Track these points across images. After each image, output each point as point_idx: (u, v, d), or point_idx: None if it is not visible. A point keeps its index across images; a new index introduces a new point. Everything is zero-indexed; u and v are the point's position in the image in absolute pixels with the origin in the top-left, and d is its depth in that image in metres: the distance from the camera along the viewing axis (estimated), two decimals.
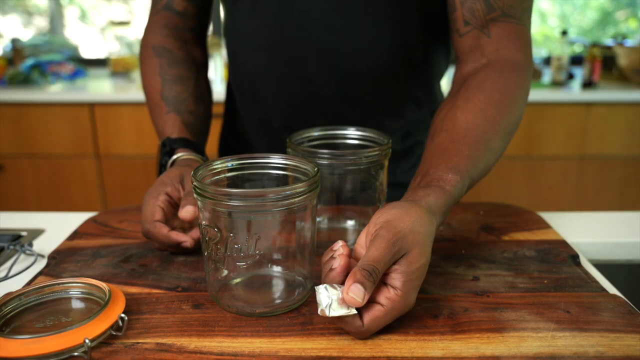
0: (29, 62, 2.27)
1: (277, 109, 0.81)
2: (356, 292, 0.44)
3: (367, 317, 0.46)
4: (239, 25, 0.79)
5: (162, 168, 0.74)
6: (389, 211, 0.49)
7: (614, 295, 0.55)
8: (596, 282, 0.58)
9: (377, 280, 0.45)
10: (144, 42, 0.84)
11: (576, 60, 2.51)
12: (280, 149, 0.69)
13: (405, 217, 0.48)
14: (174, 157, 0.72)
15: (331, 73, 0.76)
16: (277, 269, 0.56)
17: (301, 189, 0.49)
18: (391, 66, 0.76)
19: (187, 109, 0.78)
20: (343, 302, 0.45)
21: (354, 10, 0.73)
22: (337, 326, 0.49)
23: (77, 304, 0.52)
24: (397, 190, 0.85)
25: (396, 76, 0.78)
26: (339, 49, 0.75)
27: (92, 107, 2.08)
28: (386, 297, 0.46)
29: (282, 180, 0.56)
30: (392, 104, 0.81)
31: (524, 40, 0.67)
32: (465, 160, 0.56)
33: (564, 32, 2.17)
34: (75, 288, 0.52)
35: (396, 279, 0.46)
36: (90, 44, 2.81)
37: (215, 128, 0.91)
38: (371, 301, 0.46)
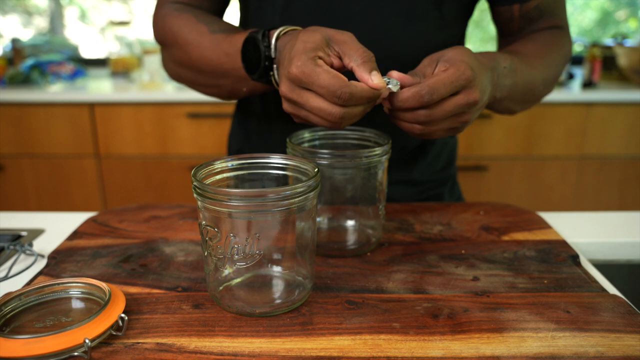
0: (29, 62, 2.27)
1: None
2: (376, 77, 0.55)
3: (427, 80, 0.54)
4: (265, 21, 0.76)
5: (264, 59, 0.63)
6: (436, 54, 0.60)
7: (614, 295, 0.55)
8: (596, 282, 0.58)
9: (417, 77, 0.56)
10: (161, 13, 0.77)
11: (576, 60, 2.51)
12: None
13: (451, 50, 0.59)
14: (278, 31, 0.62)
15: None
16: (277, 269, 0.56)
17: (301, 189, 0.49)
18: None
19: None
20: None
21: (393, 8, 0.73)
22: (337, 325, 0.49)
23: (77, 304, 0.52)
24: (412, 188, 0.86)
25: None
26: (377, 48, 0.75)
27: (92, 107, 2.08)
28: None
29: (282, 180, 0.56)
30: None
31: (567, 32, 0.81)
32: (511, 56, 0.67)
33: None
34: (75, 288, 0.52)
35: (440, 66, 0.57)
36: (90, 44, 2.81)
37: (219, 127, 0.91)
38: None
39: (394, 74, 0.57)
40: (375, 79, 0.54)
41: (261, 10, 0.77)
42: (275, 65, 0.63)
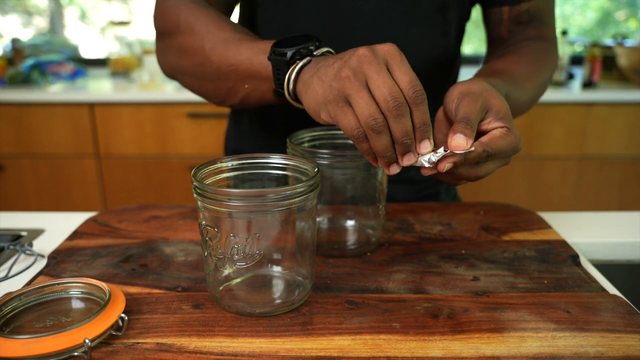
0: (29, 62, 2.27)
1: (309, 108, 0.77)
2: (459, 139, 0.50)
3: (485, 139, 0.53)
4: (270, 18, 0.76)
5: (307, 52, 0.58)
6: (458, 87, 0.56)
7: (614, 295, 0.55)
8: (596, 282, 0.58)
9: (474, 129, 0.52)
10: (171, 3, 0.72)
11: (576, 60, 2.51)
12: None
13: (474, 84, 0.56)
14: (324, 49, 0.59)
15: None
16: (277, 269, 0.56)
17: (301, 189, 0.49)
18: (428, 67, 0.78)
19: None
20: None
21: (399, 11, 0.73)
22: (337, 325, 0.49)
23: (77, 304, 0.52)
24: (408, 187, 0.86)
25: (430, 78, 0.80)
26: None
27: (92, 107, 2.08)
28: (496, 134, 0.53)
29: (282, 180, 0.56)
30: None
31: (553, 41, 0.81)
32: (508, 84, 0.65)
33: (564, 32, 2.17)
34: (75, 288, 0.52)
35: (494, 121, 0.54)
36: (90, 44, 2.81)
37: (219, 127, 0.91)
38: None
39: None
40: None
41: (265, 10, 0.76)
42: (308, 58, 0.58)
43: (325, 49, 0.59)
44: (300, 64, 0.57)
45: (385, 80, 0.48)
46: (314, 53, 0.59)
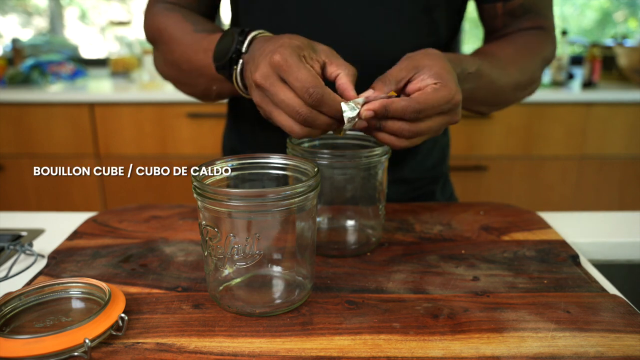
0: (29, 62, 2.27)
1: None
2: (367, 92, 0.55)
3: (414, 95, 0.55)
4: (254, 24, 0.75)
5: (233, 51, 0.61)
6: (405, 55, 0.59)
7: (614, 295, 0.55)
8: (596, 282, 0.58)
9: (389, 84, 0.56)
10: (152, 12, 0.77)
11: (576, 60, 2.51)
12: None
13: (418, 52, 0.59)
14: (258, 32, 0.61)
15: (358, 74, 0.77)
16: (277, 269, 0.56)
17: (301, 189, 0.49)
18: None
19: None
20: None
21: (383, 13, 0.73)
22: (337, 325, 0.49)
23: (77, 304, 0.52)
24: (403, 186, 0.86)
25: None
26: (366, 48, 0.75)
27: (92, 107, 2.08)
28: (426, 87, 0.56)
29: (282, 180, 0.56)
30: None
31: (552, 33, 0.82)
32: (481, 60, 0.67)
33: (564, 32, 2.17)
34: (75, 288, 0.52)
35: (427, 79, 0.56)
36: (90, 44, 2.81)
37: (219, 127, 0.91)
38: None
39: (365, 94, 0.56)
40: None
41: (250, 13, 0.77)
42: (241, 61, 0.61)
43: (250, 37, 0.61)
44: (238, 69, 0.61)
45: (282, 98, 0.53)
46: (243, 51, 0.61)
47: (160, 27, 0.75)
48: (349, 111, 0.54)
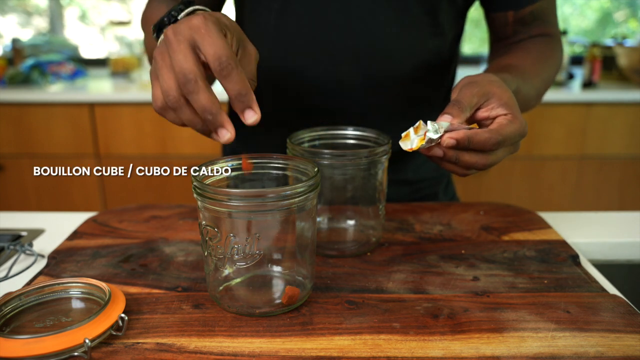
0: (29, 62, 2.27)
1: (298, 109, 0.81)
2: (444, 118, 0.53)
3: (493, 126, 0.54)
4: (260, 24, 0.77)
5: (170, 18, 0.56)
6: (465, 78, 0.58)
7: (614, 295, 0.55)
8: (596, 282, 0.58)
9: (465, 111, 0.54)
10: (148, 7, 0.75)
11: (576, 60, 2.51)
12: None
13: (479, 75, 0.58)
14: (198, 7, 0.56)
15: (363, 75, 0.77)
16: (277, 269, 0.56)
17: (301, 189, 0.49)
18: (420, 71, 0.78)
19: None
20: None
21: (387, 15, 0.74)
22: (337, 325, 0.49)
23: (77, 304, 0.52)
24: (405, 187, 0.86)
25: (422, 81, 0.80)
26: (374, 52, 0.75)
27: (92, 107, 2.08)
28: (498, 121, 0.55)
29: (282, 180, 0.56)
30: (412, 107, 0.82)
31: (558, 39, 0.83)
32: (517, 78, 0.66)
33: (564, 32, 2.17)
34: (75, 288, 0.52)
35: (497, 107, 0.55)
36: (90, 44, 2.81)
37: None
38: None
39: (446, 118, 0.54)
40: (246, 116, 0.52)
41: (256, 13, 0.77)
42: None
43: (192, 8, 0.56)
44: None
45: (178, 59, 0.48)
46: (178, 18, 0.55)
47: (147, 16, 0.73)
48: (432, 132, 0.52)
